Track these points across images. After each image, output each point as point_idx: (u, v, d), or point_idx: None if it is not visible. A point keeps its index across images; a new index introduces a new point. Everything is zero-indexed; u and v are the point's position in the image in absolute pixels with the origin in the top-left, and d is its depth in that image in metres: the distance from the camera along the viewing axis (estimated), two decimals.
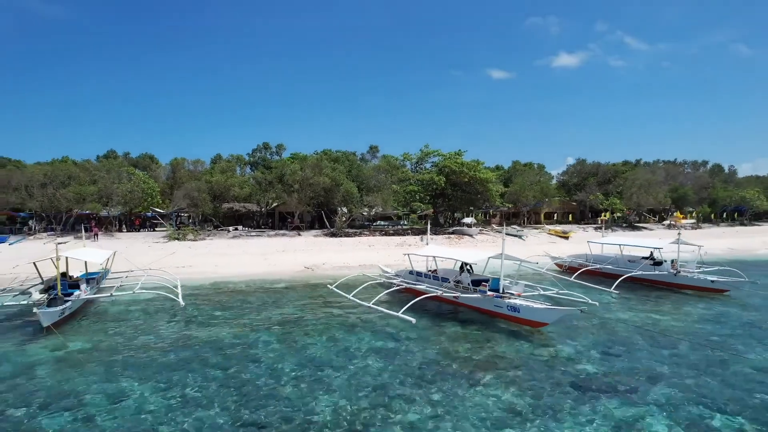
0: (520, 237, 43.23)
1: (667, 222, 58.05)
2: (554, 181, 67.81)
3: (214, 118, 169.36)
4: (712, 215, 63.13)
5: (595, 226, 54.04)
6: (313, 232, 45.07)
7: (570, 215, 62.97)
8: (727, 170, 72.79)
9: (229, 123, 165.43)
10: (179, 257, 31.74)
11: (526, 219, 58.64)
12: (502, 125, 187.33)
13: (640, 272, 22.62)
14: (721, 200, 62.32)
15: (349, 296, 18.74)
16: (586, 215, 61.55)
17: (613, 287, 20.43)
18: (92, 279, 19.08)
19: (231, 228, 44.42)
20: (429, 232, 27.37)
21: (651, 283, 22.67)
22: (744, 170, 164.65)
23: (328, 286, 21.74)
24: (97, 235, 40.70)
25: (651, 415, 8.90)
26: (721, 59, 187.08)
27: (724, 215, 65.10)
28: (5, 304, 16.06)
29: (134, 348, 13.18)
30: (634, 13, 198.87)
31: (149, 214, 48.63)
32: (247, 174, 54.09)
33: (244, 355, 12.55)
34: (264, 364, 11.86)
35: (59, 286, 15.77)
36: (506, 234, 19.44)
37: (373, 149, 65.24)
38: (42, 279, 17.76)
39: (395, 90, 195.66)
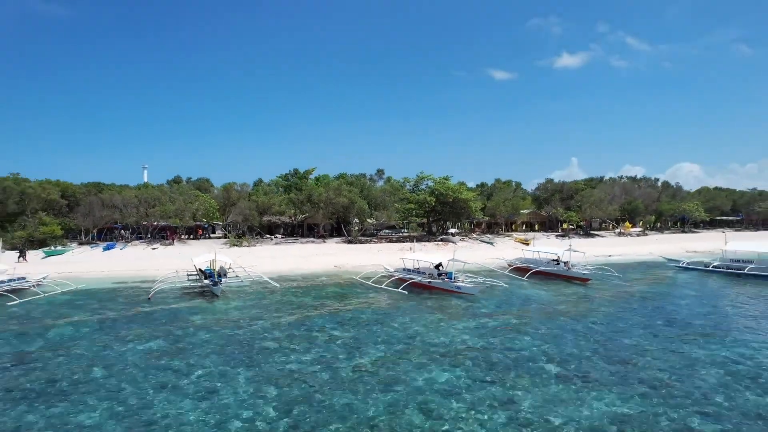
0: (491, 243, 56.91)
1: (618, 230, 71.61)
2: (530, 194, 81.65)
3: (253, 145, 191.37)
4: (658, 224, 76.69)
5: (556, 234, 67.80)
6: (335, 239, 59.10)
7: (537, 225, 76.82)
8: (674, 186, 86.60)
9: (262, 150, 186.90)
10: (245, 259, 45.73)
11: (503, 228, 72.52)
12: (502, 125, 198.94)
13: (545, 267, 36.36)
14: (666, 212, 75.78)
15: (369, 282, 32.68)
16: (553, 225, 75.26)
17: (525, 276, 34.36)
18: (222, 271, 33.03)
19: (273, 237, 58.55)
20: (415, 243, 41.22)
21: (554, 275, 36.30)
22: (748, 171, 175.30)
23: (355, 278, 35.64)
24: (173, 241, 54.99)
25: (497, 324, 22.71)
26: (722, 59, 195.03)
27: (669, 224, 78.64)
28: (191, 284, 30.21)
29: (265, 303, 27.03)
30: (635, 13, 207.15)
31: (205, 225, 62.92)
32: (282, 193, 68.23)
33: (320, 305, 26.38)
34: (329, 308, 25.73)
35: (216, 275, 29.76)
36: (480, 241, 33.23)
37: (379, 172, 79.43)
38: (197, 271, 31.68)
39: (398, 95, 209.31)
